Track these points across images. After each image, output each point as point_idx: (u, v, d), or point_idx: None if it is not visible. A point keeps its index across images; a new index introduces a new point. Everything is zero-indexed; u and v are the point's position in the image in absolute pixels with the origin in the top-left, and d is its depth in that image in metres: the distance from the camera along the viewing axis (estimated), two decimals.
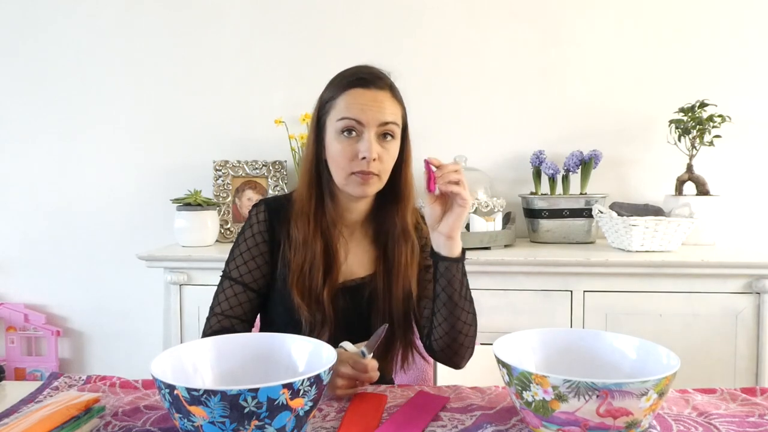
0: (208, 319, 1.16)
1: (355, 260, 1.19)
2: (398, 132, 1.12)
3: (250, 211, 1.19)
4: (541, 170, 2.11)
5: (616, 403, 0.74)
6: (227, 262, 1.18)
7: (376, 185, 1.11)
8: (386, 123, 1.08)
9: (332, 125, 1.09)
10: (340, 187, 1.12)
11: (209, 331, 1.14)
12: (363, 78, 1.09)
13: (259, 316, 1.23)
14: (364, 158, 1.06)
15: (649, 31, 2.18)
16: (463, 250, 1.08)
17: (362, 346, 1.02)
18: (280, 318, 1.17)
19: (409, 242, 1.19)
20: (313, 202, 1.13)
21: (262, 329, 1.25)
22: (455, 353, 1.11)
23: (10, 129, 2.34)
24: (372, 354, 1.01)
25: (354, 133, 1.07)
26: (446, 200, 1.06)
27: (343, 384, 0.98)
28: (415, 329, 1.23)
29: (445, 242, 1.06)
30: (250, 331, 1.18)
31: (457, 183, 1.02)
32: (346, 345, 1.04)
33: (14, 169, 2.35)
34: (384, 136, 1.09)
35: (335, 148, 1.09)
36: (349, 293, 1.16)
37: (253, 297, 1.17)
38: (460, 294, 1.08)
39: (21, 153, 2.34)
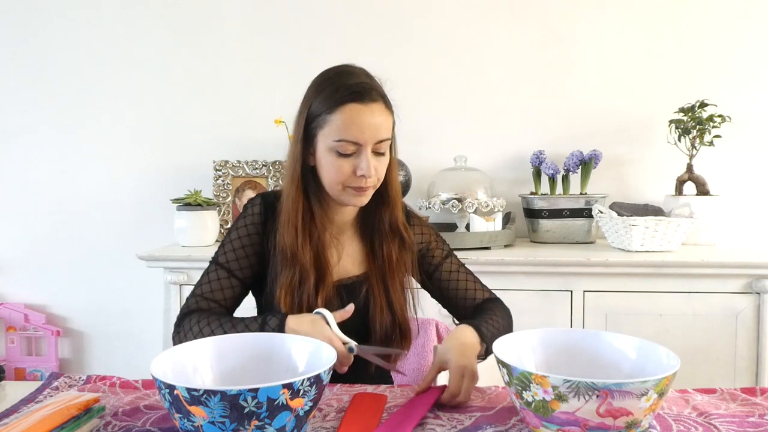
0: (186, 299, 1.15)
1: (348, 259, 1.19)
2: (390, 143, 1.11)
3: (246, 204, 1.18)
4: (541, 170, 2.11)
5: (616, 403, 0.74)
6: (217, 251, 1.18)
7: (370, 194, 1.12)
8: (382, 140, 1.07)
9: (326, 141, 1.06)
10: (333, 197, 1.12)
11: (185, 310, 1.12)
12: (358, 92, 1.05)
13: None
14: (362, 176, 1.06)
15: (649, 31, 2.18)
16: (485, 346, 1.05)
17: (356, 345, 1.01)
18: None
19: (397, 239, 1.19)
20: (301, 213, 1.11)
21: None
22: None
23: (10, 129, 2.34)
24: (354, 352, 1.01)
25: (349, 150, 1.06)
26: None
27: None
28: (413, 325, 1.23)
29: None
30: None
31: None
32: (326, 314, 1.03)
33: (14, 170, 2.35)
34: (378, 149, 1.08)
35: (329, 164, 1.07)
36: (345, 291, 1.16)
37: (236, 284, 1.15)
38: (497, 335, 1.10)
39: (21, 153, 2.34)
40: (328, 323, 1.02)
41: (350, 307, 1.06)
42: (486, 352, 1.06)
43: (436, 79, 2.23)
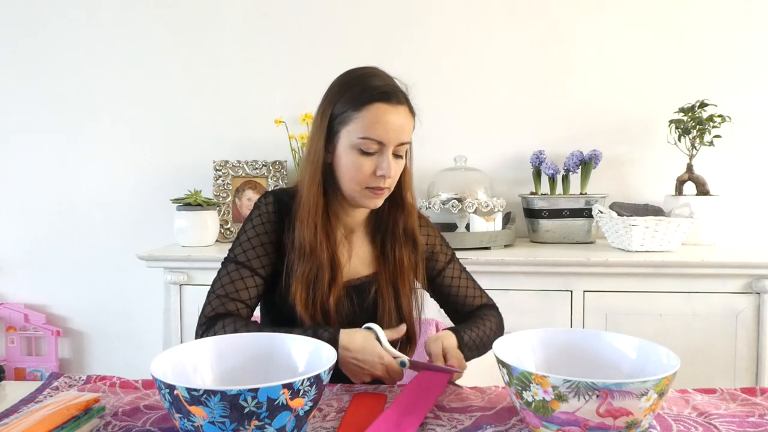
0: (208, 302, 1.09)
1: (357, 259, 1.19)
2: (408, 147, 1.13)
3: (258, 200, 1.17)
4: (541, 170, 2.11)
5: (616, 403, 0.74)
6: (232, 248, 1.14)
7: (385, 196, 1.12)
8: (403, 143, 1.09)
9: (349, 138, 1.07)
10: (348, 197, 1.12)
11: (211, 313, 1.08)
12: (386, 92, 1.06)
13: (258, 312, 1.23)
14: (381, 175, 1.07)
15: (649, 31, 2.18)
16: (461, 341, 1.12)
17: (408, 359, 1.01)
18: (289, 311, 1.13)
19: (410, 244, 1.19)
20: (321, 209, 1.11)
21: (263, 321, 1.24)
22: None
23: (10, 129, 2.34)
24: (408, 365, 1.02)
25: (372, 149, 1.06)
26: None
27: (369, 380, 1.02)
28: (419, 326, 1.24)
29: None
30: (251, 317, 1.15)
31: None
32: (377, 329, 1.04)
33: (14, 170, 2.35)
34: (398, 151, 1.10)
35: (350, 162, 1.07)
36: (354, 291, 1.17)
37: (260, 283, 1.12)
38: (485, 347, 1.17)
39: (21, 153, 2.34)
40: (378, 339, 1.03)
41: (402, 327, 1.11)
42: None
43: (436, 79, 2.23)
